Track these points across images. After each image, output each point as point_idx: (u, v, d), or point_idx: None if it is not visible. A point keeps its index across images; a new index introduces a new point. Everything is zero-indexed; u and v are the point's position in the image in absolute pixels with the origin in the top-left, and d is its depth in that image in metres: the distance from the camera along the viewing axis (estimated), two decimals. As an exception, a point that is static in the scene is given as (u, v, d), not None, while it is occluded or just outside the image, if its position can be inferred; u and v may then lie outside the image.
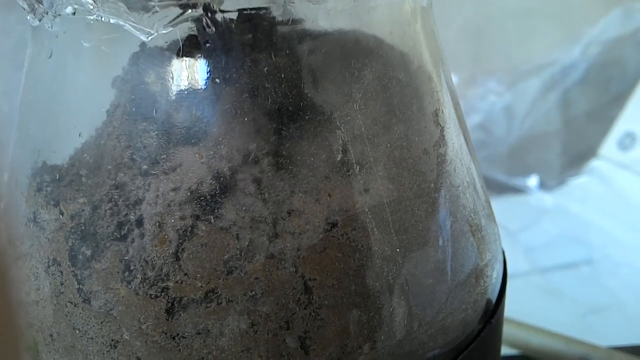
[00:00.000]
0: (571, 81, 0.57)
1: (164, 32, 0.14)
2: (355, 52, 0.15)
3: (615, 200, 0.54)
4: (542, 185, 0.56)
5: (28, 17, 0.16)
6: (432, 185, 0.16)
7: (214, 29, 0.14)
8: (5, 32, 0.48)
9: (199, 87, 0.14)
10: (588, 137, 0.58)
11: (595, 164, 0.56)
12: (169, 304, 0.14)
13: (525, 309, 0.35)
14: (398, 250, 0.15)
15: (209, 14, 0.14)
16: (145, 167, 0.14)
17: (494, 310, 0.18)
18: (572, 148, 0.57)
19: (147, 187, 0.14)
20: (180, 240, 0.14)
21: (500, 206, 0.19)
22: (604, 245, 0.50)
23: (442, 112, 0.16)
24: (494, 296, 0.18)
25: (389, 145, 0.15)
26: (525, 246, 0.51)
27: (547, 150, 0.57)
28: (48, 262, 0.15)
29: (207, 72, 0.14)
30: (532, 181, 0.56)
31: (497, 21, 0.57)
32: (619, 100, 0.57)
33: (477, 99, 0.55)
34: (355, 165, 0.15)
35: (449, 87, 0.17)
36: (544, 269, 0.49)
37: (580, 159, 0.57)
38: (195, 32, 0.14)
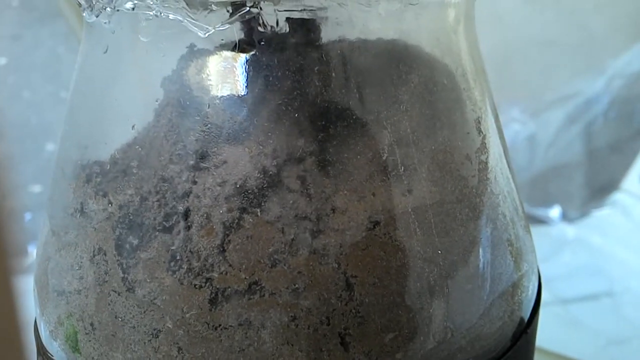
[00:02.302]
0: (594, 113, 0.57)
1: (221, 28, 0.14)
2: (402, 55, 0.15)
3: (636, 233, 0.53)
4: (564, 217, 0.56)
5: (84, 14, 0.16)
6: (473, 190, 0.16)
7: (269, 27, 0.14)
8: (37, 45, 0.49)
9: (250, 85, 0.15)
10: (611, 170, 0.58)
11: (617, 196, 0.56)
12: (213, 295, 0.14)
13: (546, 340, 0.35)
14: (439, 252, 0.15)
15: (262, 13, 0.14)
16: (193, 162, 0.15)
17: (529, 321, 0.18)
18: (595, 180, 0.57)
19: (195, 180, 0.15)
20: (227, 232, 0.14)
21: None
22: (625, 277, 0.49)
23: (484, 120, 0.17)
24: (529, 308, 0.18)
25: (432, 148, 0.15)
26: (546, 277, 0.50)
27: (569, 181, 0.57)
28: (93, 251, 0.15)
29: (260, 70, 0.15)
30: (554, 212, 0.56)
31: (520, 50, 0.57)
32: (642, 134, 0.57)
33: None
34: (399, 166, 0.15)
35: (489, 97, 0.18)
36: (564, 300, 0.48)
37: (602, 191, 0.57)
38: (243, 36, 0.15)
